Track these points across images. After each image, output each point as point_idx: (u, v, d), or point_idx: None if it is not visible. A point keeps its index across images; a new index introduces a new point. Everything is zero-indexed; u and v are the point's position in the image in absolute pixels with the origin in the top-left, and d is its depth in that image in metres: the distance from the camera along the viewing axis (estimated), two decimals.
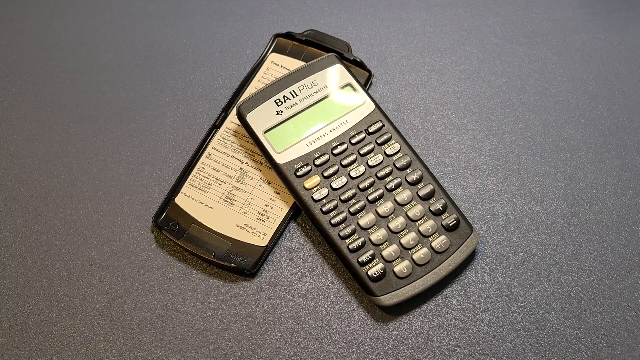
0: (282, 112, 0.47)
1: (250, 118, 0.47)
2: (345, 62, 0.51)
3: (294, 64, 0.53)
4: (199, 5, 0.59)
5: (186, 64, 0.56)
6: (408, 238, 0.44)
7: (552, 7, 0.57)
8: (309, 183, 0.45)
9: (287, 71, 0.50)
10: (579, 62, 0.54)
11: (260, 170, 0.49)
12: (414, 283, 0.43)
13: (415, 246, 0.44)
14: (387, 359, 0.43)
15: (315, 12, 0.58)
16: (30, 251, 0.48)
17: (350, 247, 0.44)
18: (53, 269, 0.47)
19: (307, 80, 0.48)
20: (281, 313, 0.45)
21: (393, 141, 0.47)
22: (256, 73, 0.53)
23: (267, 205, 0.47)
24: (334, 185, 0.45)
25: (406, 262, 0.44)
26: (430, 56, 0.55)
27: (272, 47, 0.54)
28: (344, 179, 0.46)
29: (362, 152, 0.46)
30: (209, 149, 0.50)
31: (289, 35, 0.54)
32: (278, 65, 0.53)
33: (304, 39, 0.54)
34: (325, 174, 0.45)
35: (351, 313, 0.45)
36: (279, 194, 0.48)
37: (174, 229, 0.47)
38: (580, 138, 0.51)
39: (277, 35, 0.54)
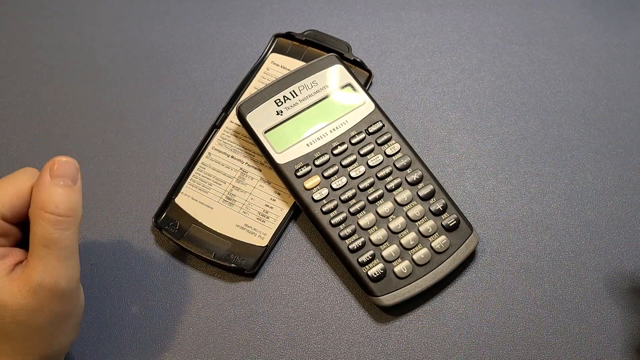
0: (282, 112, 0.47)
1: (250, 118, 0.47)
2: (345, 62, 0.51)
3: (294, 64, 0.53)
4: (199, 5, 0.59)
5: (186, 64, 0.56)
6: (408, 238, 0.44)
7: (552, 7, 0.57)
8: (309, 183, 0.45)
9: (287, 71, 0.50)
10: (579, 62, 0.54)
11: (260, 171, 0.49)
12: (414, 283, 0.43)
13: (415, 246, 0.44)
14: (387, 359, 0.43)
15: (316, 12, 0.58)
16: None
17: (350, 247, 0.44)
18: None
19: (307, 81, 0.48)
20: (281, 313, 0.45)
21: (393, 141, 0.47)
22: (256, 73, 0.53)
23: (267, 206, 0.47)
24: (334, 186, 0.45)
25: (406, 262, 0.44)
26: (430, 56, 0.55)
27: (272, 47, 0.54)
28: (344, 179, 0.46)
29: (362, 152, 0.46)
30: (209, 149, 0.50)
31: (289, 36, 0.54)
32: (278, 65, 0.53)
33: (304, 39, 0.54)
34: (326, 174, 0.46)
35: (351, 313, 0.45)
36: (279, 194, 0.48)
37: (174, 229, 0.47)
38: (580, 138, 0.51)
39: (277, 36, 0.54)
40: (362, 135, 0.47)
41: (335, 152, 0.46)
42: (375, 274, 0.43)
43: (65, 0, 0.60)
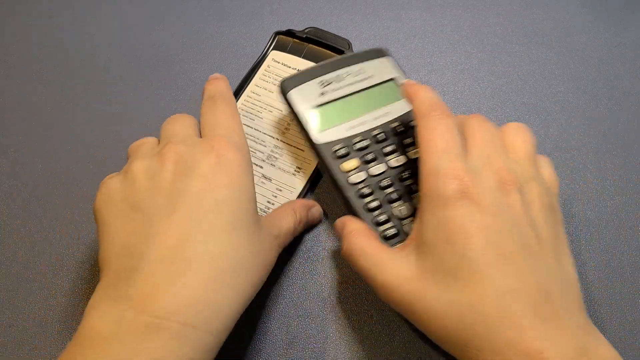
0: (325, 93, 0.47)
1: (292, 94, 0.46)
2: None
3: (295, 61, 0.53)
4: (199, 5, 0.59)
5: (186, 64, 0.56)
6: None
7: (552, 7, 0.57)
8: (347, 165, 0.44)
9: (336, 56, 0.50)
10: (579, 62, 0.54)
11: (262, 167, 0.49)
12: None
13: None
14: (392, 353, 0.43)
15: (316, 12, 0.58)
16: (30, 251, 0.47)
17: (383, 234, 0.43)
18: (53, 269, 0.46)
19: (353, 68, 0.48)
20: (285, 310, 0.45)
21: None
22: (257, 70, 0.53)
23: (274, 196, 0.48)
24: (372, 172, 0.44)
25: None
26: (430, 56, 0.55)
27: (273, 44, 0.54)
28: (382, 167, 0.44)
29: (403, 143, 0.45)
30: None
31: (289, 33, 0.54)
32: (279, 62, 0.53)
33: (304, 36, 0.54)
34: (365, 159, 0.45)
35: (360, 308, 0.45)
36: (280, 190, 0.48)
37: None
38: (580, 138, 0.51)
39: (277, 33, 0.54)
40: (404, 128, 0.46)
41: (376, 139, 0.45)
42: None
43: (65, 0, 0.60)
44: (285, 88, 0.47)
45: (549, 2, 0.57)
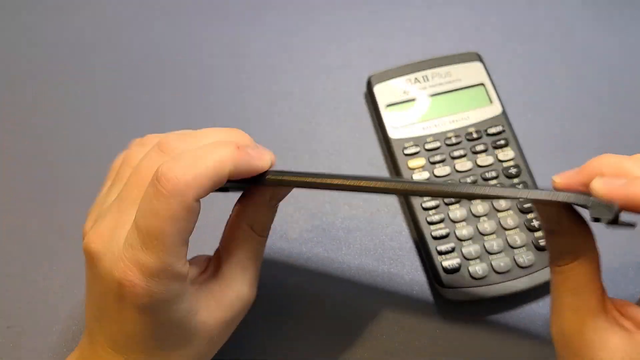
0: (409, 91, 0.49)
1: (377, 89, 0.49)
2: None
3: None
4: (199, 5, 0.59)
5: (186, 64, 0.55)
6: (493, 243, 0.43)
7: (554, 7, 0.59)
8: (413, 163, 0.46)
9: (428, 57, 0.51)
10: (580, 61, 0.56)
11: None
12: (485, 287, 0.42)
13: (497, 253, 0.43)
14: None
15: (315, 11, 0.58)
16: (29, 251, 0.46)
17: (433, 234, 0.43)
18: (52, 270, 0.46)
19: (442, 69, 0.50)
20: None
21: (509, 148, 0.47)
22: None
23: None
24: (436, 172, 0.45)
25: (483, 265, 0.42)
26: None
27: None
28: (447, 169, 0.46)
29: (474, 149, 0.46)
30: None
31: None
32: None
33: None
34: (432, 159, 0.46)
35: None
36: None
37: None
38: (582, 138, 0.52)
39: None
40: (480, 134, 0.47)
41: (447, 142, 0.47)
42: (449, 266, 0.42)
43: (64, 0, 0.60)
44: (371, 82, 0.49)
45: (551, 2, 0.59)
